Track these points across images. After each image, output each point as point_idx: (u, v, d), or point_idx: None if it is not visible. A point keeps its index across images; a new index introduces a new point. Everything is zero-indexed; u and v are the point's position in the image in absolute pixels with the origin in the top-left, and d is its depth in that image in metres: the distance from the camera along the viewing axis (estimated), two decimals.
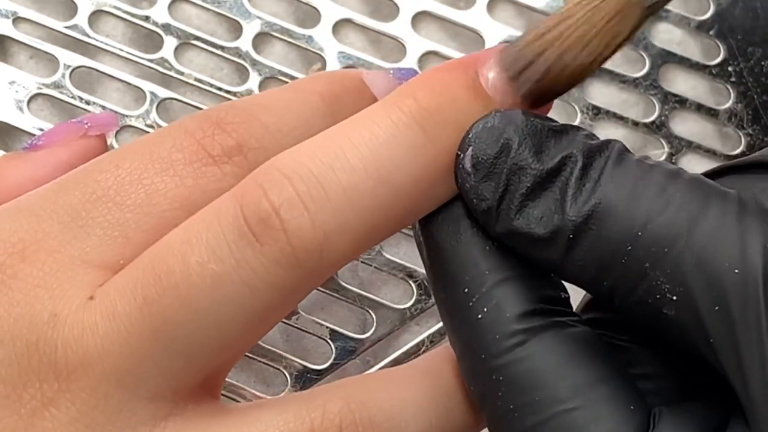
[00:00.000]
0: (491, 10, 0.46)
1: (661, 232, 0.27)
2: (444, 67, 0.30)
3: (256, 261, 0.28)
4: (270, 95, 0.33)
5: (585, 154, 0.28)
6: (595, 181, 0.28)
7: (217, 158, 0.31)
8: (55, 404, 0.29)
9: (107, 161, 0.31)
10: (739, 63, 0.46)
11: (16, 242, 0.30)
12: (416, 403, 0.31)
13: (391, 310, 0.44)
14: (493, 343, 0.29)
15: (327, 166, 0.28)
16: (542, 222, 0.28)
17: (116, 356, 0.28)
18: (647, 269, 0.27)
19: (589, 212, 0.28)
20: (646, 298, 0.28)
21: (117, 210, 0.30)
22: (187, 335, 0.29)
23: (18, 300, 0.29)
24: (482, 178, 0.29)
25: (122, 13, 0.45)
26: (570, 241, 0.28)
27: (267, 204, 0.28)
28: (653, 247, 0.27)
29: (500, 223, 0.29)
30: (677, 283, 0.27)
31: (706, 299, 0.27)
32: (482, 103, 0.30)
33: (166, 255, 0.29)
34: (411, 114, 0.29)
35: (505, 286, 0.29)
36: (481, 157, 0.29)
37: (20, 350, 0.29)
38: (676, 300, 0.27)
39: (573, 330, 0.29)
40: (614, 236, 0.27)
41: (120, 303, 0.29)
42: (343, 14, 0.46)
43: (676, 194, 0.27)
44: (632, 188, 0.28)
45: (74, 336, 0.29)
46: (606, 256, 0.28)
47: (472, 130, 0.29)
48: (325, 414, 0.30)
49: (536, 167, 0.28)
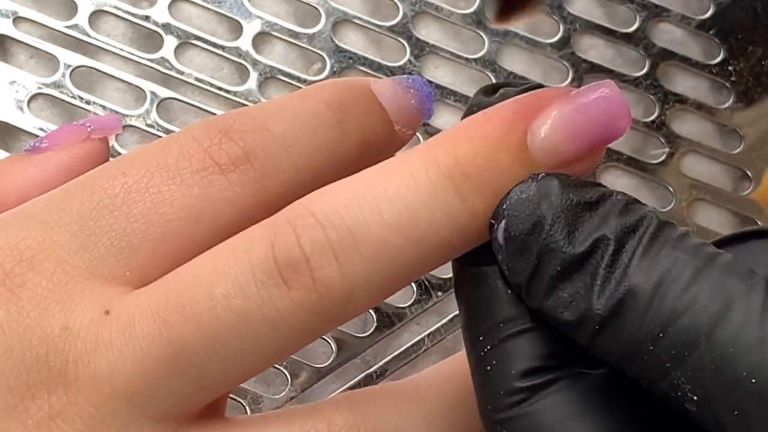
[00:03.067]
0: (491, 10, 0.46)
1: (681, 337, 0.26)
2: (493, 119, 0.29)
3: (281, 303, 0.28)
4: (277, 103, 0.32)
5: (617, 236, 0.28)
6: (624, 269, 0.27)
7: (224, 167, 0.31)
8: (62, 417, 0.29)
9: (114, 168, 0.31)
10: (739, 63, 0.46)
11: (24, 249, 0.30)
12: (420, 417, 0.31)
13: (392, 310, 0.44)
14: (497, 397, 0.28)
15: (361, 217, 0.28)
16: (571, 306, 0.28)
17: (129, 375, 0.28)
18: (668, 368, 0.27)
19: (614, 306, 0.27)
20: (669, 393, 0.27)
21: (124, 219, 0.30)
22: (204, 364, 0.29)
23: (28, 311, 0.29)
24: (514, 253, 0.28)
25: (122, 13, 0.45)
26: (596, 331, 0.27)
27: (298, 250, 0.28)
28: (674, 349, 0.27)
29: (531, 300, 0.28)
30: (697, 385, 0.26)
31: (726, 404, 0.26)
32: (524, 167, 0.29)
33: (192, 283, 0.29)
34: (450, 175, 0.29)
35: (517, 340, 0.29)
36: (513, 233, 0.28)
37: (30, 362, 0.29)
38: (697, 400, 0.27)
39: (584, 380, 0.29)
40: (637, 334, 0.27)
41: (139, 322, 0.29)
42: (344, 14, 0.46)
43: (701, 294, 0.27)
44: (659, 281, 0.27)
45: (86, 350, 0.29)
46: (629, 351, 0.27)
47: (506, 200, 0.28)
48: (330, 427, 0.30)
49: (567, 251, 0.28)
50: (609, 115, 0.29)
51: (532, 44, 0.46)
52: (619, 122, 0.29)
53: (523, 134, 0.29)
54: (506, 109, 0.30)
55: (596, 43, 0.47)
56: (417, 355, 0.44)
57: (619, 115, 0.29)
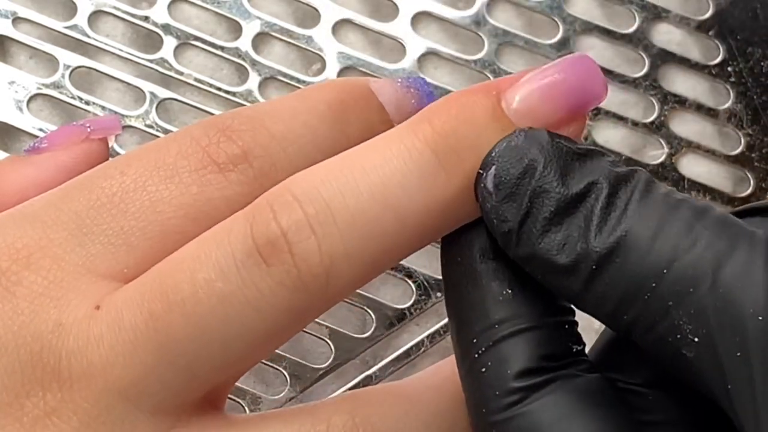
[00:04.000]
0: (491, 10, 0.46)
1: (686, 272, 0.26)
2: (466, 90, 0.30)
3: (262, 282, 0.28)
4: (276, 103, 0.32)
5: (611, 181, 0.28)
6: (621, 211, 0.27)
7: (222, 166, 0.31)
8: (57, 414, 0.29)
9: (112, 168, 0.31)
10: (738, 63, 0.46)
11: (21, 248, 0.30)
12: (420, 418, 0.31)
13: (391, 310, 0.44)
14: (493, 399, 0.28)
15: (337, 190, 0.28)
16: (564, 249, 0.27)
17: (120, 368, 0.28)
18: (670, 308, 0.26)
19: (614, 244, 0.27)
20: (666, 337, 0.27)
21: (121, 217, 0.30)
22: (192, 352, 0.29)
23: (22, 308, 0.29)
24: (504, 199, 0.28)
25: (122, 13, 0.45)
26: (592, 272, 0.27)
27: (275, 226, 0.28)
28: (677, 286, 0.26)
29: (521, 246, 0.28)
30: (699, 324, 0.26)
31: (728, 344, 0.26)
32: (501, 127, 0.29)
33: (174, 270, 0.29)
34: (425, 139, 0.29)
35: (512, 341, 0.28)
36: (504, 177, 0.28)
37: (24, 359, 0.29)
38: (698, 342, 0.26)
39: (578, 381, 0.28)
40: (639, 271, 0.27)
41: (127, 315, 0.29)
42: (343, 14, 0.46)
43: (704, 232, 0.27)
44: (659, 222, 0.27)
45: (79, 346, 0.29)
46: (629, 291, 0.27)
47: (495, 148, 0.28)
48: (330, 427, 0.30)
49: (561, 191, 0.28)
50: (583, 76, 0.29)
51: (531, 45, 0.46)
52: (593, 86, 0.30)
53: (497, 99, 0.29)
54: (478, 84, 0.30)
55: (595, 43, 0.47)
56: (416, 355, 0.44)
57: (593, 79, 0.30)
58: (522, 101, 0.29)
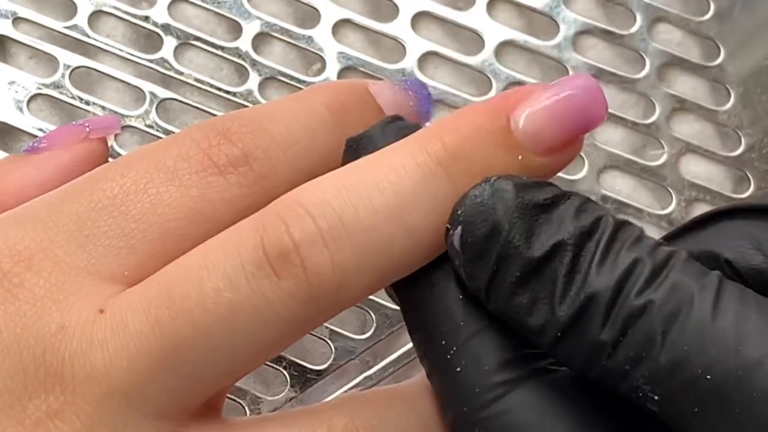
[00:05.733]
0: (491, 10, 0.46)
1: (639, 338, 0.27)
2: (475, 110, 0.30)
3: (272, 294, 0.28)
4: (276, 105, 0.33)
5: (575, 241, 0.28)
6: (584, 274, 0.27)
7: (222, 168, 0.31)
8: (59, 416, 0.29)
9: (112, 170, 0.31)
10: (739, 64, 0.46)
11: (22, 250, 0.30)
12: (420, 422, 0.31)
13: (391, 311, 0.44)
14: (473, 397, 0.28)
15: (351, 206, 0.28)
16: (532, 312, 0.28)
17: (124, 373, 0.28)
18: (628, 371, 0.27)
19: (576, 312, 0.27)
20: (629, 394, 0.27)
21: (122, 220, 0.30)
22: (197, 359, 0.29)
23: (25, 310, 0.29)
24: (472, 258, 0.28)
25: (122, 14, 0.45)
26: (558, 338, 0.28)
27: (288, 239, 0.28)
28: (632, 351, 0.27)
29: (491, 304, 0.28)
30: (656, 385, 0.27)
31: (685, 402, 0.26)
32: (510, 152, 0.29)
33: (182, 279, 0.29)
34: (438, 159, 0.29)
35: (481, 337, 0.29)
36: (470, 238, 0.28)
37: (27, 361, 0.29)
38: (658, 400, 0.27)
39: (555, 375, 0.29)
40: (597, 339, 0.27)
41: (132, 320, 0.29)
42: (343, 14, 0.46)
43: (655, 294, 0.27)
44: (617, 286, 0.27)
45: (82, 349, 0.29)
46: (590, 356, 0.27)
47: (461, 205, 0.29)
48: (330, 429, 0.30)
49: (527, 254, 0.28)
50: (588, 102, 0.30)
51: (531, 45, 0.46)
52: (597, 110, 0.30)
53: (506, 120, 0.29)
54: (486, 102, 0.30)
55: (595, 43, 0.47)
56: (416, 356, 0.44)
57: (598, 102, 0.30)
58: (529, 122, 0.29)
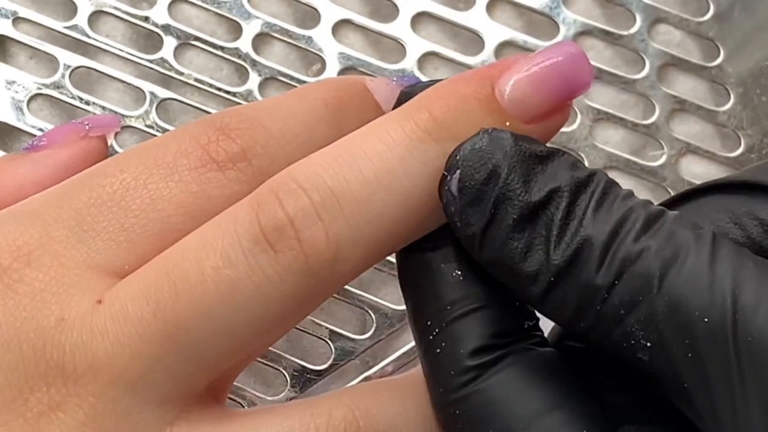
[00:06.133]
0: (491, 10, 0.46)
1: (635, 282, 0.27)
2: (460, 79, 0.30)
3: (270, 268, 0.28)
4: (274, 102, 0.33)
5: (571, 189, 0.28)
6: (579, 221, 0.28)
7: (221, 164, 0.31)
8: (62, 408, 0.29)
9: (112, 166, 0.31)
10: (738, 64, 0.46)
11: (22, 246, 0.30)
12: (419, 413, 0.31)
13: (391, 311, 0.44)
14: (448, 378, 0.29)
15: (341, 177, 0.29)
16: (527, 257, 0.28)
17: (126, 361, 0.29)
18: (622, 316, 0.27)
19: (571, 256, 0.28)
20: (621, 342, 0.28)
21: (122, 215, 0.30)
22: (200, 341, 0.29)
23: (24, 304, 0.29)
24: (468, 204, 0.29)
25: (122, 14, 0.45)
26: (551, 283, 0.28)
27: (282, 213, 0.28)
28: (627, 295, 0.27)
29: (485, 251, 0.29)
30: (650, 330, 0.27)
31: (680, 347, 0.27)
32: (496, 118, 0.29)
33: (180, 260, 0.29)
34: (425, 127, 0.29)
35: (464, 321, 0.29)
36: (468, 182, 0.29)
37: (27, 354, 0.29)
38: (651, 346, 0.27)
39: (532, 355, 0.29)
40: (593, 283, 0.27)
41: (132, 307, 0.29)
42: (343, 15, 0.46)
43: (652, 240, 0.27)
44: (613, 231, 0.28)
45: (83, 340, 0.29)
46: (583, 301, 0.28)
47: (459, 151, 0.29)
48: (330, 420, 0.30)
49: (524, 198, 0.28)
50: (572, 68, 0.30)
51: (531, 46, 0.46)
52: (582, 76, 0.30)
53: (491, 88, 0.30)
54: (471, 71, 0.31)
55: (595, 44, 0.47)
56: (416, 356, 0.44)
57: (582, 69, 0.30)
58: (515, 90, 0.30)
